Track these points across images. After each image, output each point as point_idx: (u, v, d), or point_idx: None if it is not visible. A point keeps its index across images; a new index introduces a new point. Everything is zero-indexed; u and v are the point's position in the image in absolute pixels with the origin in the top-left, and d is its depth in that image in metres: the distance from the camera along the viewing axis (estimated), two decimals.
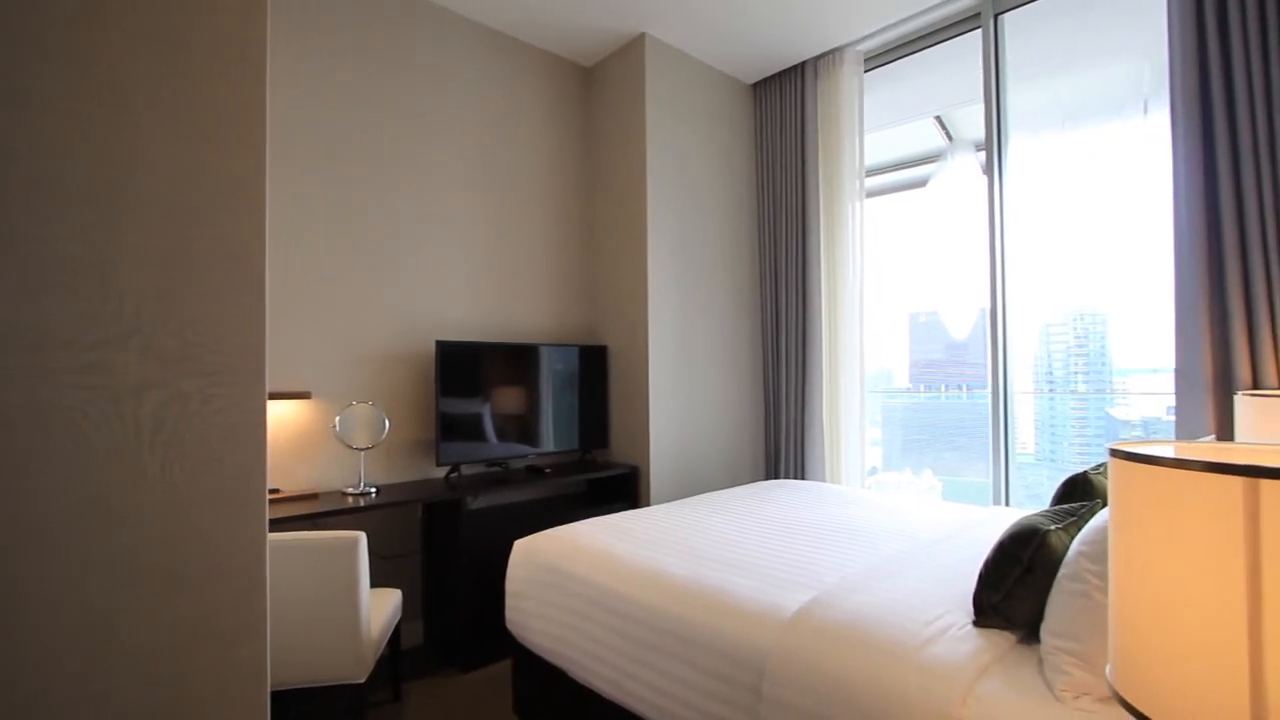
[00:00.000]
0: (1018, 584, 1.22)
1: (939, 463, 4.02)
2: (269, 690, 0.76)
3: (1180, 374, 2.18)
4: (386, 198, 2.74)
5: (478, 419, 2.83)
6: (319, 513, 2.14)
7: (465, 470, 2.88)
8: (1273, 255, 2.00)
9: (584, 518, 2.40)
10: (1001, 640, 1.22)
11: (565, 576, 1.85)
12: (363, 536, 1.76)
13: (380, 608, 1.99)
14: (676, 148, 3.32)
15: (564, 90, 3.43)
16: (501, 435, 2.91)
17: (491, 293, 3.10)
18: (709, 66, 3.52)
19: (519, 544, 2.10)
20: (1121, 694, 0.59)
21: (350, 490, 2.44)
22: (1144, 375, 3.10)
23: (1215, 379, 2.10)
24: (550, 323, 3.33)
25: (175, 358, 0.70)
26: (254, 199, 0.76)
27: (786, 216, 3.53)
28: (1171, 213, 2.23)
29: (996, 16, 2.87)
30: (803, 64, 3.45)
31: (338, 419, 2.41)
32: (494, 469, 2.97)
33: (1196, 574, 0.52)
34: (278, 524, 2.03)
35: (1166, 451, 0.59)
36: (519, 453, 2.97)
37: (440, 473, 2.83)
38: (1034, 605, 1.21)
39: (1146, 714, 0.56)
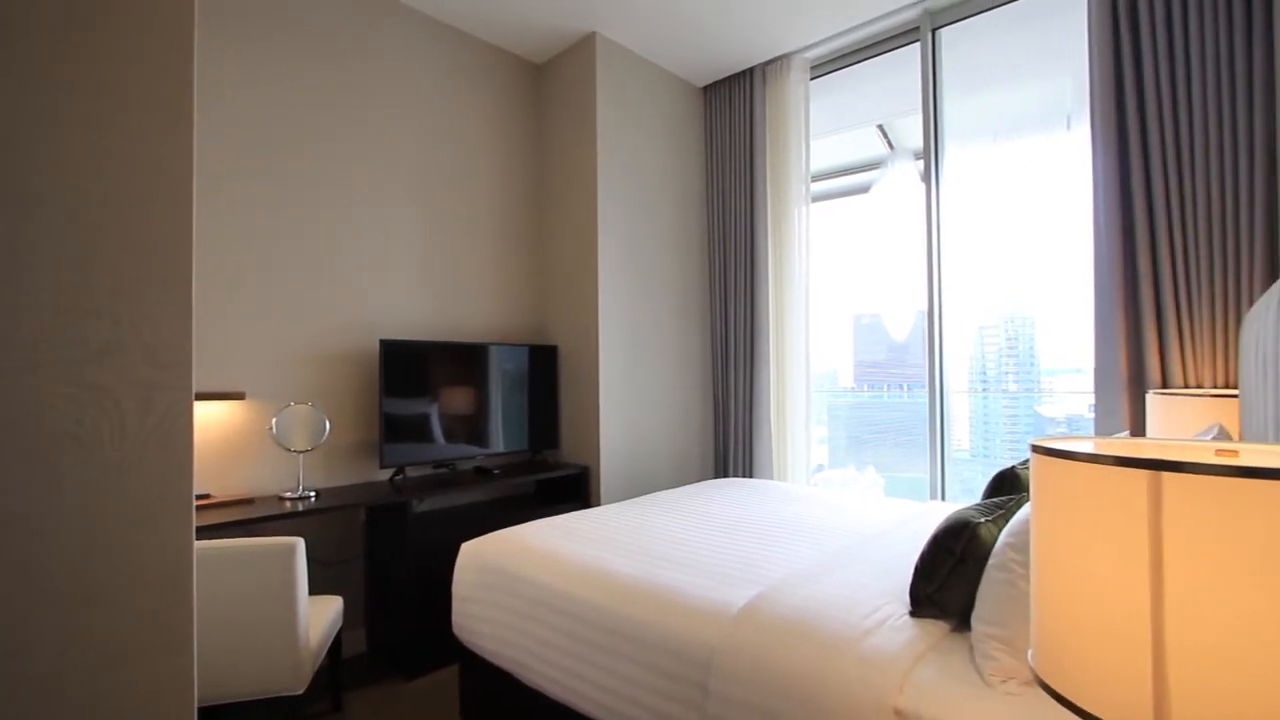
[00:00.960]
0: (951, 575, 1.28)
1: (882, 460, 4.15)
2: (195, 706, 0.73)
3: (1098, 374, 2.32)
4: (328, 192, 2.65)
5: (424, 420, 2.77)
6: (254, 518, 2.05)
7: (411, 472, 2.81)
8: (1179, 264, 2.16)
9: (534, 519, 2.38)
10: (936, 629, 1.28)
11: (513, 578, 1.84)
12: (300, 542, 1.69)
13: (320, 616, 1.92)
14: (627, 148, 3.33)
15: (514, 87, 3.39)
16: (449, 436, 2.85)
17: (439, 291, 3.03)
18: (660, 68, 3.54)
19: (466, 546, 2.07)
20: (1041, 676, 0.63)
21: (288, 495, 2.35)
22: (1069, 375, 3.28)
23: (1129, 379, 2.24)
24: (500, 322, 3.29)
25: (92, 356, 0.66)
26: (179, 190, 0.72)
27: (735, 219, 3.58)
28: (1091, 223, 2.37)
29: (934, 31, 2.99)
30: (751, 69, 3.51)
31: (274, 420, 2.32)
32: (441, 471, 2.91)
33: (1107, 561, 0.55)
34: (209, 531, 1.94)
35: (1081, 447, 0.63)
36: (467, 454, 2.92)
37: (384, 475, 2.76)
38: (966, 594, 1.27)
39: (1062, 693, 0.59)
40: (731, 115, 3.62)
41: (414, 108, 2.95)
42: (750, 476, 3.47)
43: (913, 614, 1.32)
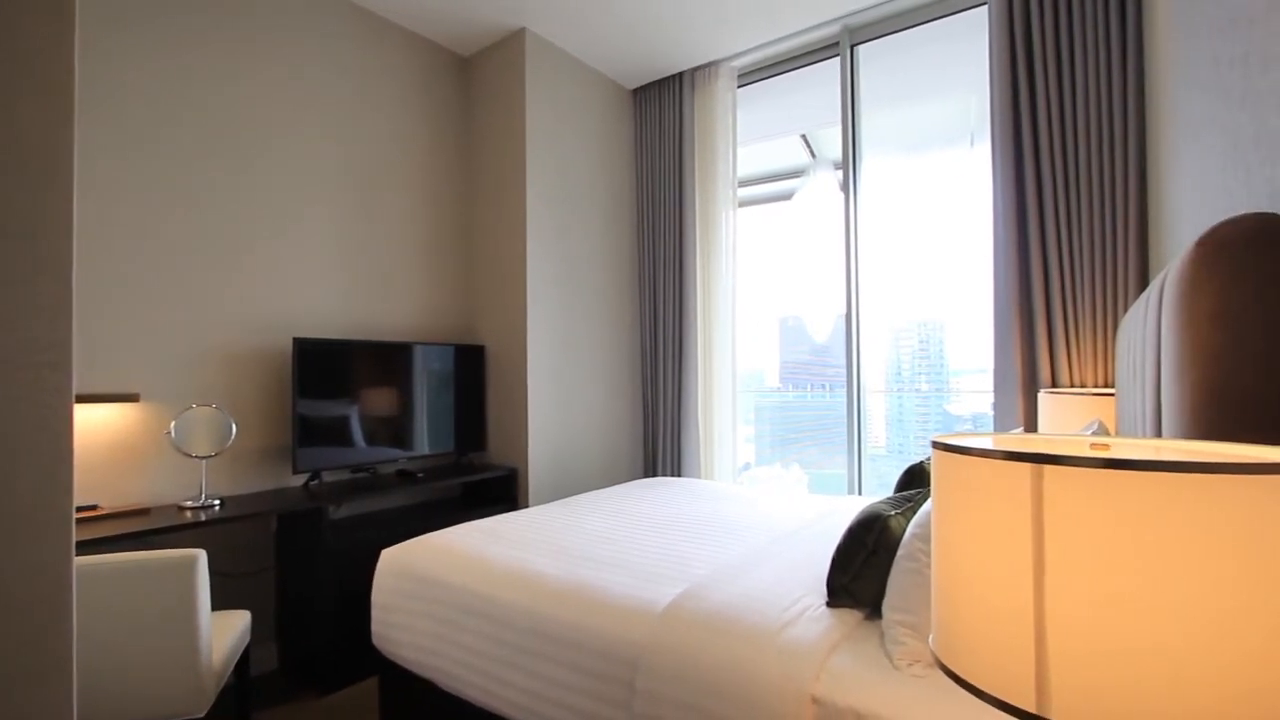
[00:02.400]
0: (864, 565, 1.34)
1: (806, 457, 4.31)
2: None
3: (997, 375, 2.50)
4: (236, 181, 2.49)
5: (343, 422, 2.65)
6: (150, 530, 1.90)
7: (327, 477, 2.68)
8: (1065, 274, 2.35)
9: (460, 522, 2.32)
10: (850, 618, 1.34)
11: (435, 584, 1.79)
12: (202, 554, 1.58)
13: (224, 632, 1.80)
14: (557, 147, 3.30)
15: (440, 79, 3.29)
16: (370, 439, 2.74)
17: (360, 288, 2.91)
18: (590, 68, 3.53)
19: (386, 553, 1.99)
20: (940, 658, 0.67)
21: (189, 503, 2.19)
22: (974, 375, 3.51)
23: (1024, 379, 2.42)
24: (425, 321, 3.19)
25: None
26: (56, 172, 0.66)
27: (664, 221, 3.63)
28: (991, 235, 2.55)
29: (853, 47, 3.13)
30: (681, 74, 3.56)
31: (173, 424, 2.16)
32: (361, 475, 2.80)
33: (996, 548, 0.60)
34: (95, 545, 1.78)
35: (977, 443, 0.67)
36: (389, 456, 2.82)
37: (298, 481, 2.62)
38: (878, 584, 1.34)
39: (958, 673, 0.63)
40: (661, 119, 3.66)
41: (331, 96, 2.82)
42: (679, 476, 3.52)
43: (829, 604, 1.38)
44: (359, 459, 2.71)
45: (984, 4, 2.69)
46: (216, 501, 2.23)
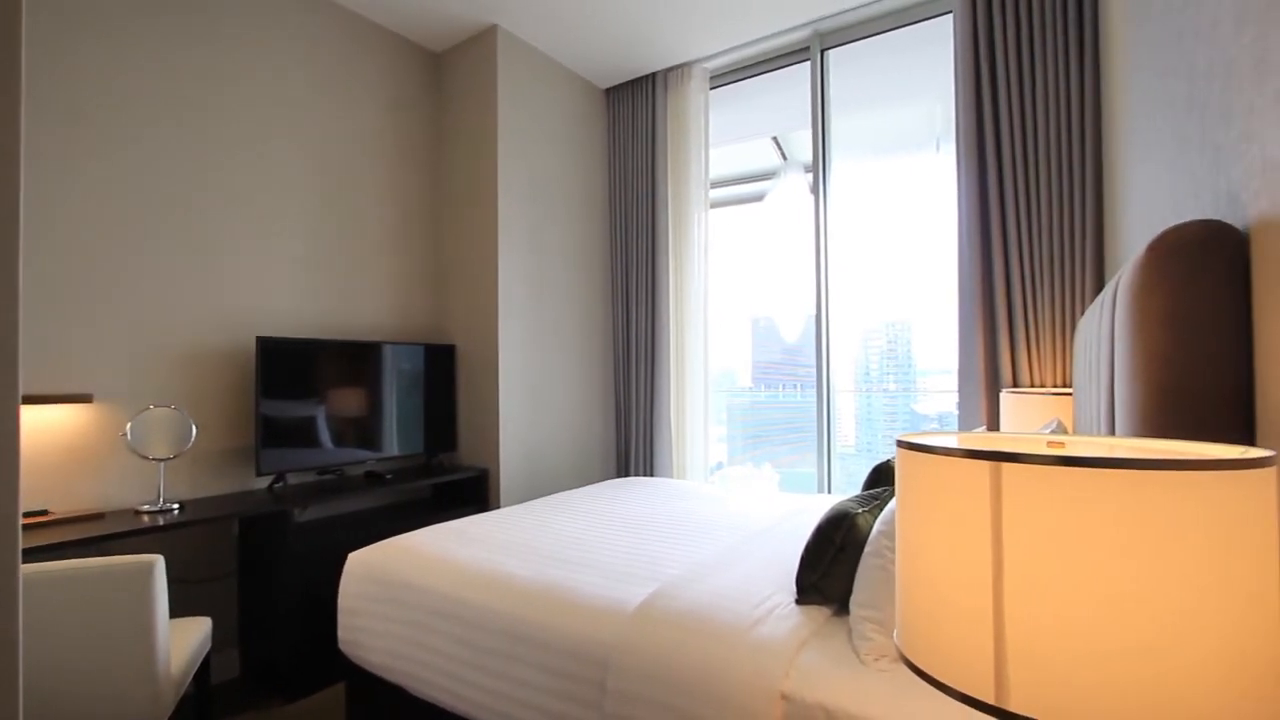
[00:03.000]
0: (832, 563, 1.36)
1: (777, 456, 4.35)
2: None
3: (961, 375, 2.56)
4: (199, 176, 2.42)
5: (309, 423, 2.60)
6: (105, 535, 1.84)
7: (292, 479, 2.63)
8: (1026, 276, 2.42)
9: (429, 524, 2.29)
10: (819, 614, 1.36)
11: (404, 587, 1.76)
12: (159, 560, 1.53)
13: (184, 639, 1.75)
14: (529, 145, 3.28)
15: (411, 75, 3.25)
16: (338, 440, 2.69)
17: (327, 287, 2.85)
18: (563, 67, 3.52)
19: (353, 556, 1.96)
20: (904, 652, 0.68)
21: (146, 508, 2.12)
22: (941, 375, 3.58)
23: (987, 379, 2.49)
24: (394, 320, 3.14)
25: None
26: (2, 165, 0.63)
27: (637, 221, 3.63)
28: (956, 237, 2.61)
29: (823, 52, 3.17)
30: (654, 75, 3.57)
31: (129, 426, 2.09)
32: (327, 476, 2.74)
33: (957, 545, 0.61)
34: (46, 552, 1.72)
35: (937, 441, 0.68)
36: (357, 458, 2.77)
37: (262, 483, 2.56)
38: (846, 581, 1.36)
39: (921, 667, 0.65)
40: (634, 119, 3.66)
41: (299, 90, 2.76)
42: (651, 475, 3.52)
43: (799, 602, 1.40)
44: (325, 460, 2.65)
45: (948, 13, 2.75)
46: (175, 505, 2.17)
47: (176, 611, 2.20)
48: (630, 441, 3.63)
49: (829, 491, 3.18)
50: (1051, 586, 0.54)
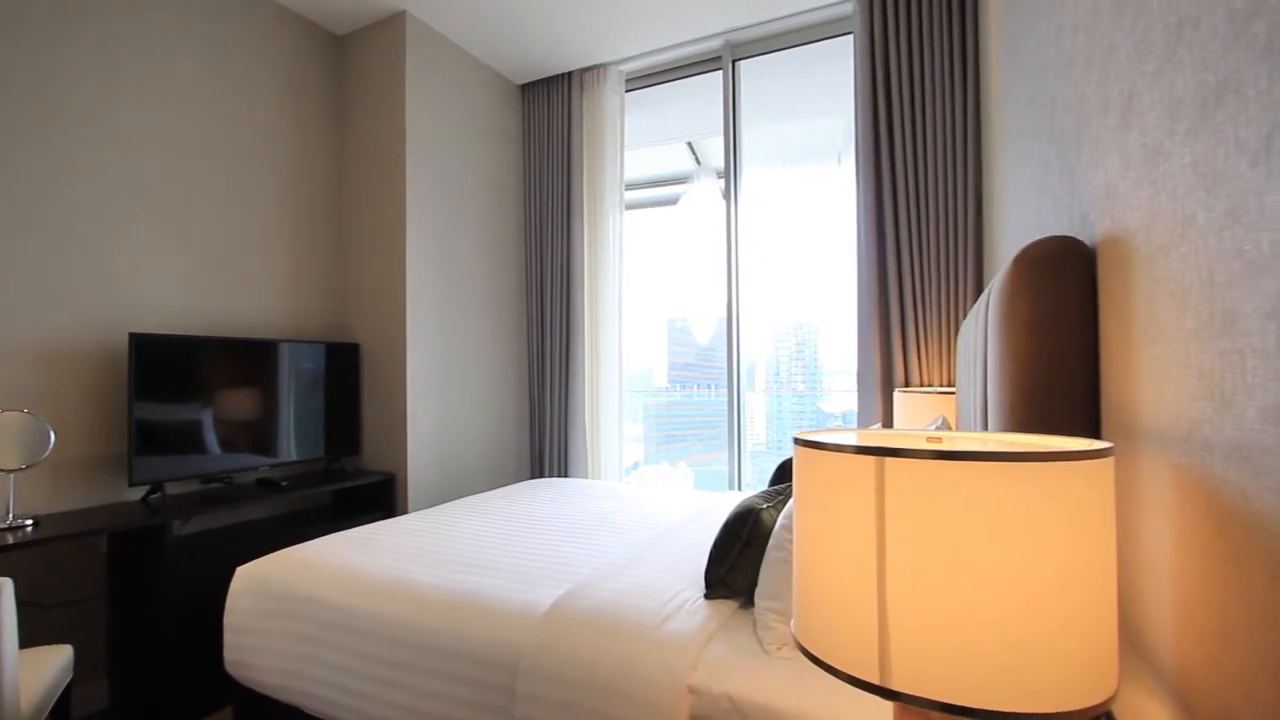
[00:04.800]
0: (739, 557, 1.41)
1: (692, 455, 4.45)
2: None
3: (860, 375, 2.71)
4: (64, 157, 2.17)
5: (194, 427, 2.39)
6: None
7: (173, 489, 2.41)
8: (916, 283, 2.60)
9: (329, 533, 2.17)
10: (726, 608, 1.40)
11: (299, 601, 1.66)
12: (7, 583, 1.37)
13: (38, 670, 1.57)
14: (440, 138, 3.18)
15: (309, 57, 3.06)
16: (226, 445, 2.50)
17: (216, 280, 2.64)
18: (476, 59, 3.43)
19: (243, 570, 1.83)
20: (799, 640, 0.71)
21: None
22: (844, 375, 3.78)
23: (883, 378, 2.65)
24: (292, 317, 2.95)
25: None
26: None
27: (552, 220, 3.60)
28: (855, 245, 2.76)
29: (734, 62, 3.27)
30: (570, 73, 3.55)
31: None
32: (214, 485, 2.54)
33: (845, 536, 0.65)
34: None
35: (830, 438, 0.72)
36: (248, 464, 2.58)
37: (137, 494, 2.33)
38: (752, 574, 1.41)
39: (814, 653, 0.68)
40: (550, 117, 3.62)
41: (181, 63, 2.53)
42: (565, 476, 3.50)
43: (707, 596, 1.44)
44: (212, 468, 2.46)
45: (850, 34, 2.91)
46: (29, 521, 1.94)
47: (31, 640, 1.96)
48: (544, 442, 3.60)
49: (739, 488, 3.28)
50: (928, 572, 0.58)
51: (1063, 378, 0.86)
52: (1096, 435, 0.84)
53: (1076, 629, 0.52)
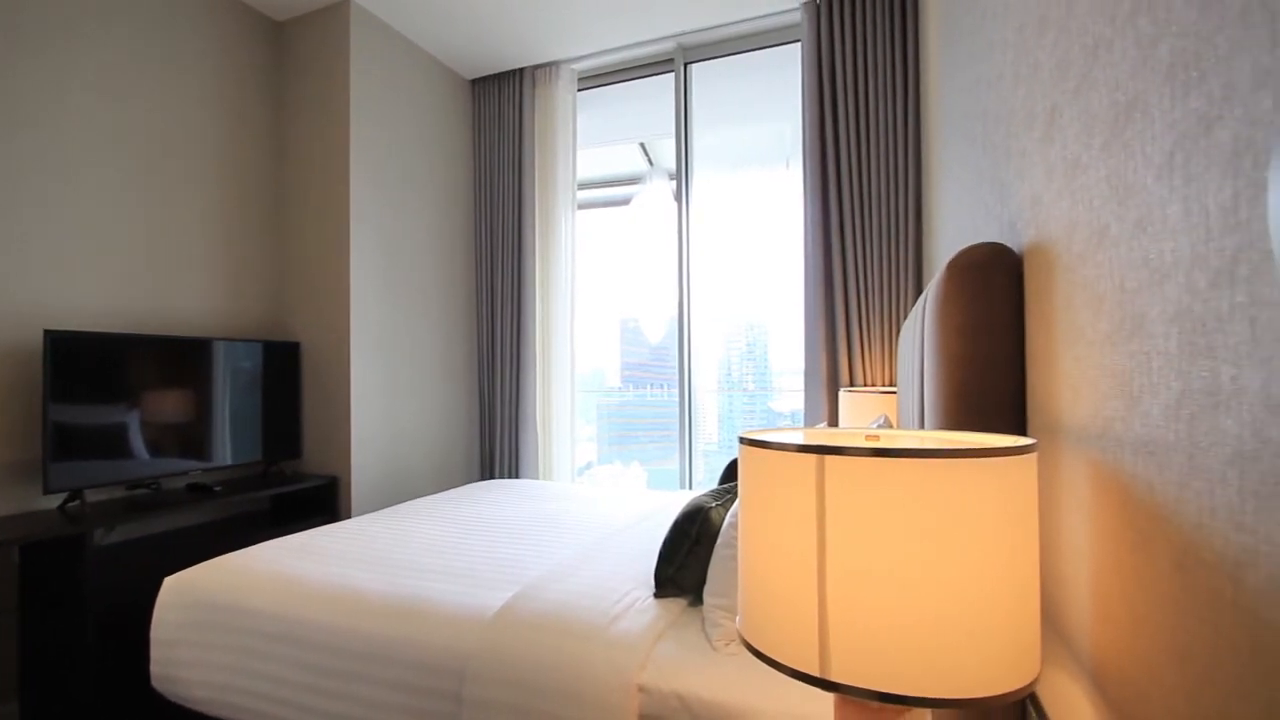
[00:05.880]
0: (688, 555, 1.42)
1: (645, 454, 4.46)
2: None
3: (807, 375, 2.78)
4: None
5: (118, 430, 2.26)
6: None
7: (94, 496, 2.27)
8: (860, 285, 2.68)
9: (267, 540, 2.08)
10: (675, 607, 1.41)
11: (234, 611, 1.59)
12: None
13: None
14: (386, 132, 3.10)
15: (246, 43, 2.93)
16: (155, 449, 2.37)
17: (143, 275, 2.49)
18: (425, 52, 3.36)
19: (170, 581, 1.74)
20: (744, 636, 0.73)
21: None
22: (793, 375, 3.87)
23: (828, 378, 2.72)
24: (229, 315, 2.82)
25: None
26: None
27: (503, 218, 3.55)
28: (802, 247, 2.83)
29: (686, 65, 3.30)
30: (522, 70, 3.51)
31: None
32: (140, 492, 2.40)
33: (788, 533, 0.66)
34: None
35: (774, 437, 0.74)
36: (179, 469, 2.45)
37: (53, 502, 2.18)
38: (700, 572, 1.42)
39: (759, 649, 0.69)
40: (501, 113, 3.58)
41: (106, 44, 2.39)
42: (516, 477, 3.46)
43: (656, 595, 1.44)
44: (138, 473, 2.32)
45: (797, 41, 2.97)
46: None
47: None
48: (495, 443, 3.55)
49: (690, 487, 3.31)
50: (865, 566, 0.60)
51: (992, 378, 0.90)
52: (1023, 433, 0.89)
53: (1002, 618, 0.55)
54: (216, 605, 1.62)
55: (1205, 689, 0.41)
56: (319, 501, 2.82)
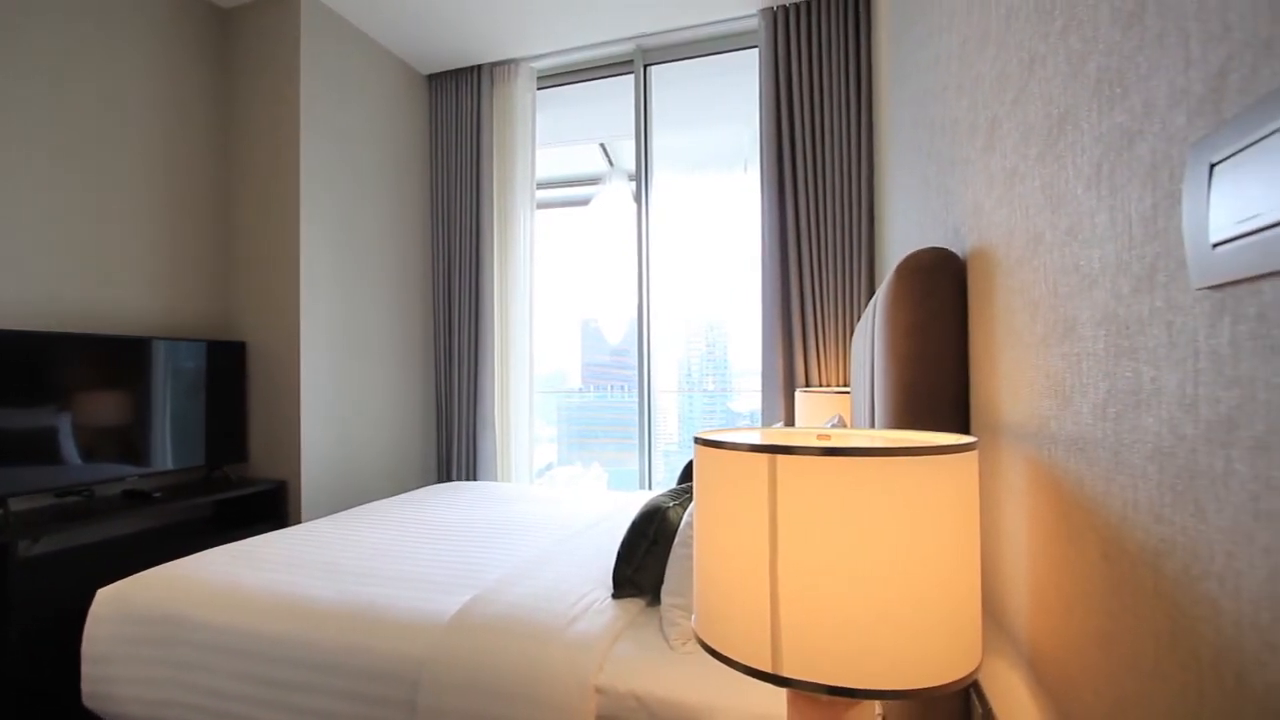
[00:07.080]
0: (646, 555, 1.43)
1: (606, 455, 4.45)
2: None
3: (765, 375, 2.82)
4: None
5: (45, 435, 2.14)
6: None
7: (19, 504, 2.14)
8: (816, 288, 2.74)
9: (209, 547, 2.00)
10: (634, 607, 1.41)
11: (172, 623, 1.52)
12: None
13: None
14: (338, 126, 3.01)
15: (188, 30, 2.81)
16: (88, 454, 2.25)
17: (74, 271, 2.36)
18: (380, 45, 3.28)
19: (103, 593, 1.65)
20: (699, 634, 0.73)
21: None
22: (752, 376, 3.92)
23: (785, 379, 2.77)
24: (169, 313, 2.69)
25: None
26: None
27: (460, 217, 3.50)
28: (760, 250, 2.87)
29: (645, 67, 3.31)
30: (479, 67, 3.46)
31: None
32: (70, 499, 2.28)
33: (741, 531, 0.67)
34: None
35: (728, 437, 0.75)
36: (114, 474, 2.33)
37: None
38: (658, 572, 1.43)
39: (713, 646, 0.70)
40: (459, 111, 3.52)
41: (25, 32, 2.25)
42: (474, 479, 3.41)
43: (615, 596, 1.44)
44: (68, 479, 2.20)
45: (755, 47, 3.02)
46: None
47: None
48: (452, 445, 3.49)
49: (650, 487, 3.32)
50: (815, 563, 0.62)
51: (938, 377, 0.93)
52: (967, 430, 0.92)
53: (946, 610, 0.57)
54: (153, 617, 1.55)
55: (1128, 673, 0.44)
56: (266, 507, 2.72)
